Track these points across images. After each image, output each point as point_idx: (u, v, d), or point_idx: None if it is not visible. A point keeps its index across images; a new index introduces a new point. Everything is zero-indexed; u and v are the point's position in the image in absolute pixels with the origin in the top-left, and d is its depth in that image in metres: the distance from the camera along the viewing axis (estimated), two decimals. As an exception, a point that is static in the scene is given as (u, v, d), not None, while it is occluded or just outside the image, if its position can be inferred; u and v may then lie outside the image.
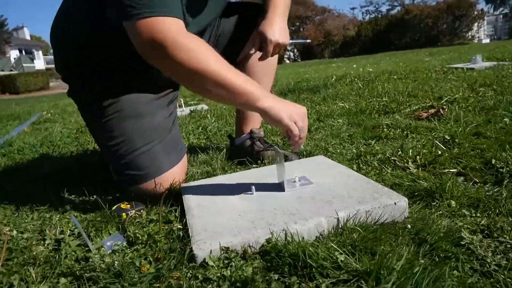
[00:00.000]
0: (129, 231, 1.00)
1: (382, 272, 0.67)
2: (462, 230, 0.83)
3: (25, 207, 1.29)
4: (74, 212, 1.21)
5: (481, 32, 33.35)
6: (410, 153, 1.31)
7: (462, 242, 0.79)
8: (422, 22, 28.05)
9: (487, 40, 32.82)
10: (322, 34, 33.47)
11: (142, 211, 1.12)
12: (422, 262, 0.72)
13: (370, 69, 5.28)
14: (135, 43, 1.00)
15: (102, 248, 0.93)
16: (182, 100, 3.49)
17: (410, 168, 1.21)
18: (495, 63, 4.09)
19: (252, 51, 1.35)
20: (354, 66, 7.29)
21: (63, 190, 1.43)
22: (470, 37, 29.94)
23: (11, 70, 27.42)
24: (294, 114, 1.02)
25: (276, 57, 1.56)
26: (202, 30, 1.33)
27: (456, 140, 1.41)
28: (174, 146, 1.32)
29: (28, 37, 38.21)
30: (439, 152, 1.30)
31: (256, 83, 1.05)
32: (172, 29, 0.98)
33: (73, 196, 1.36)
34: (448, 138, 1.44)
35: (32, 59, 34.28)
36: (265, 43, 1.30)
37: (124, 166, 1.27)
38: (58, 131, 2.87)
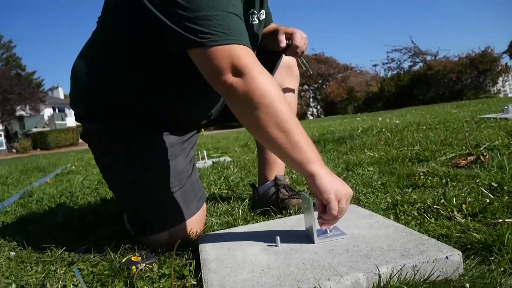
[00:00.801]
0: (137, 286, 0.88)
1: None
2: (535, 291, 0.68)
3: (32, 258, 1.20)
4: (81, 263, 1.11)
5: (507, 87, 33.00)
6: (454, 202, 1.16)
7: (537, 307, 0.63)
8: (445, 77, 28.11)
9: (514, 94, 32.39)
10: (345, 90, 33.96)
11: (153, 264, 1.01)
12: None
13: (397, 121, 5.16)
14: (205, 67, 0.95)
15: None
16: (205, 152, 3.45)
17: (457, 217, 1.06)
18: (530, 112, 3.92)
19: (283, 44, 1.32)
20: (380, 119, 7.19)
21: (74, 240, 1.34)
22: (495, 91, 29.65)
23: (44, 127, 28.74)
24: (342, 191, 0.92)
25: (296, 100, 1.51)
26: None
27: (505, 188, 1.25)
28: (194, 194, 1.23)
29: (62, 96, 40.25)
30: (488, 201, 1.15)
31: (315, 147, 0.98)
32: (251, 57, 0.94)
33: (83, 246, 1.26)
34: (495, 185, 1.29)
35: (64, 117, 35.92)
36: (292, 37, 1.33)
37: (140, 213, 1.18)
38: (79, 182, 2.84)
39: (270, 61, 1.41)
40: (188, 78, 1.11)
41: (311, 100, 38.68)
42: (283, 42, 1.31)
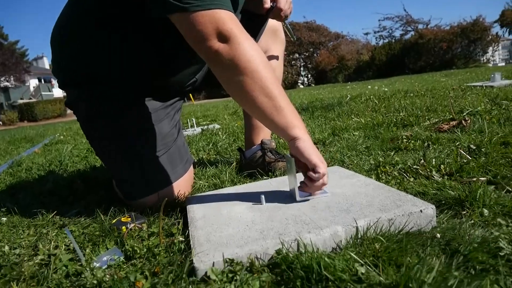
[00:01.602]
0: (127, 244, 0.92)
1: (411, 285, 0.57)
2: (500, 240, 0.72)
3: (23, 223, 1.23)
4: (72, 226, 1.14)
5: (496, 56, 33.04)
6: (434, 162, 1.21)
7: (501, 253, 0.68)
8: (436, 46, 27.98)
9: (503, 64, 32.45)
10: (336, 59, 33.68)
11: (143, 224, 1.04)
12: (456, 275, 0.62)
13: (386, 89, 5.19)
14: (189, 33, 0.94)
15: (96, 263, 0.86)
16: (194, 120, 3.45)
17: (435, 177, 1.10)
18: (515, 80, 3.96)
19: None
20: (369, 87, 7.21)
21: (64, 206, 1.37)
22: (485, 60, 29.69)
23: (30, 99, 28.19)
24: (322, 158, 0.95)
25: (281, 67, 1.51)
26: None
27: (483, 150, 1.30)
28: (180, 157, 1.25)
29: (47, 67, 39.24)
30: (465, 161, 1.20)
31: (298, 114, 1.00)
32: (235, 22, 0.94)
33: (74, 211, 1.29)
34: (474, 147, 1.33)
35: (50, 88, 35.19)
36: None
37: (127, 177, 1.20)
38: (68, 151, 2.84)
39: (255, 25, 1.40)
40: (170, 43, 1.10)
41: (301, 68, 38.36)
42: (267, 3, 1.30)
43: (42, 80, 36.63)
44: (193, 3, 0.89)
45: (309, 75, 38.38)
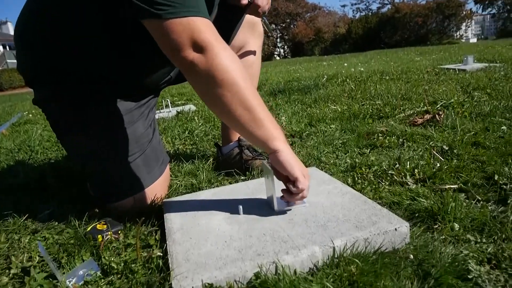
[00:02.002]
0: (104, 257, 0.91)
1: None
2: (468, 260, 0.76)
3: (-6, 225, 1.19)
4: (46, 231, 1.11)
5: (469, 32, 33.61)
6: (408, 166, 1.23)
7: (469, 276, 0.71)
8: (412, 21, 28.15)
9: (474, 40, 33.08)
10: (313, 31, 33.43)
11: (119, 232, 1.03)
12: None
13: (362, 69, 5.21)
14: (162, 42, 0.90)
15: (72, 280, 0.84)
16: (169, 100, 3.39)
17: (409, 183, 1.13)
18: (486, 64, 4.05)
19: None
20: (345, 64, 7.22)
21: (36, 204, 1.33)
22: (458, 36, 30.16)
23: (-4, 67, 26.83)
24: (304, 170, 0.94)
25: (259, 61, 1.49)
26: None
27: (455, 151, 1.34)
28: (156, 158, 1.23)
29: (12, 33, 37.27)
30: (438, 165, 1.23)
31: (278, 125, 0.98)
32: (211, 31, 0.90)
33: (47, 211, 1.26)
34: (446, 148, 1.37)
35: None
36: None
37: (101, 181, 1.18)
38: (38, 134, 2.75)
39: (232, 19, 1.36)
40: (144, 46, 1.06)
41: (278, 40, 37.93)
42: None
43: (7, 47, 34.82)
44: (166, 9, 0.84)
45: (286, 47, 38.05)
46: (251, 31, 1.43)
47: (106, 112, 1.15)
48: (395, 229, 0.82)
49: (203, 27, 0.87)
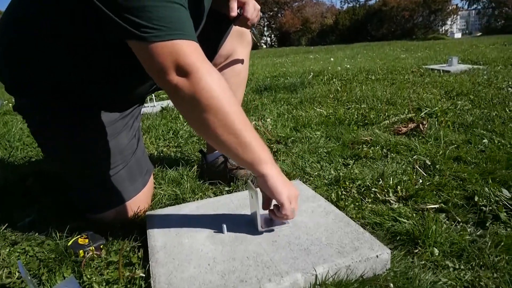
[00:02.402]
0: (85, 275, 0.90)
1: None
2: (447, 288, 0.78)
3: (-29, 235, 1.16)
4: (25, 243, 1.09)
5: (454, 27, 34.01)
6: (391, 182, 1.25)
7: (447, 307, 0.73)
8: (398, 15, 28.33)
9: (459, 35, 33.51)
10: (300, 21, 33.34)
11: (101, 247, 1.02)
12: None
13: (348, 66, 5.23)
14: (148, 64, 0.88)
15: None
16: (153, 95, 3.34)
17: (391, 201, 1.15)
18: (470, 66, 4.11)
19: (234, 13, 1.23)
20: (332, 59, 7.24)
21: (16, 211, 1.30)
22: (443, 31, 30.50)
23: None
24: (292, 194, 0.94)
25: (246, 69, 1.48)
26: None
27: (437, 166, 1.36)
28: (139, 170, 1.21)
29: (-7, 12, 36.10)
30: (420, 181, 1.25)
31: (266, 146, 0.96)
32: (197, 55, 0.87)
33: (27, 219, 1.23)
34: (429, 163, 1.39)
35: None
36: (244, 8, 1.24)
37: (83, 192, 1.16)
38: (18, 128, 2.68)
39: (221, 27, 1.35)
40: (129, 63, 1.03)
41: (265, 28, 37.72)
42: (234, 11, 1.24)
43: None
44: (151, 32, 0.82)
45: (273, 35, 37.88)
46: (239, 40, 1.42)
47: (89, 124, 1.13)
48: (377, 256, 0.83)
49: (188, 51, 0.86)
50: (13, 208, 1.34)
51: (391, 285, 0.78)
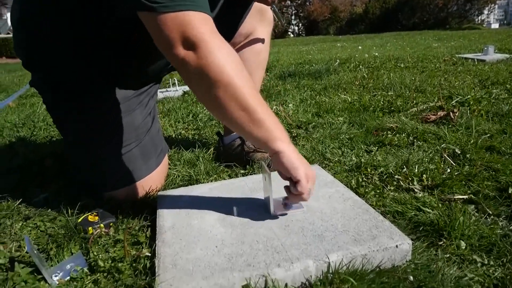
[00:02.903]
0: (92, 252, 0.88)
1: None
2: (473, 285, 0.71)
3: (-13, 209, 1.17)
4: (38, 218, 1.08)
5: (491, 17, 32.47)
6: (416, 170, 1.17)
7: (473, 305, 0.66)
8: (432, 3, 27.27)
9: (496, 25, 32.04)
10: (328, 9, 32.66)
11: (110, 225, 1.00)
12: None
13: (376, 54, 5.06)
14: (156, 37, 0.84)
15: (59, 275, 0.82)
16: (176, 78, 3.32)
17: (416, 190, 1.07)
18: (507, 55, 3.89)
19: None
20: (360, 48, 7.04)
21: (33, 188, 1.30)
22: (479, 21, 29.23)
23: (8, 33, 26.76)
24: (309, 172, 0.87)
25: (267, 49, 1.42)
26: None
27: (468, 155, 1.27)
28: (153, 149, 1.18)
29: None
30: (448, 170, 1.17)
31: (281, 125, 0.90)
32: (207, 27, 0.82)
33: (42, 195, 1.23)
34: (459, 152, 1.30)
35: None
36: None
37: (95, 170, 1.14)
38: (43, 109, 2.72)
39: (240, 5, 1.29)
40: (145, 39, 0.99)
41: (292, 17, 37.17)
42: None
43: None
44: (161, 2, 0.78)
45: (300, 24, 37.32)
46: (260, 18, 1.36)
47: (102, 100, 1.10)
48: (396, 246, 0.77)
49: (197, 22, 0.80)
50: (30, 185, 1.35)
51: (411, 277, 0.72)
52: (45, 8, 0.99)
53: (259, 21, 1.36)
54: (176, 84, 3.25)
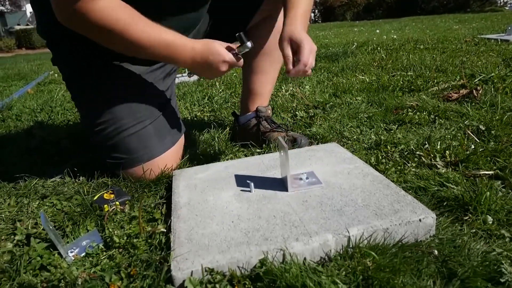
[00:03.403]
0: (107, 229, 0.87)
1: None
2: (501, 259, 0.67)
3: (5, 188, 1.18)
4: (54, 197, 1.09)
5: (515, -2, 31.29)
6: (438, 146, 1.13)
7: (501, 280, 0.63)
8: (452, -15, 26.47)
9: (521, 7, 30.85)
10: (345, -6, 32.04)
11: (126, 203, 0.99)
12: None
13: (394, 36, 4.93)
14: None
15: (74, 251, 0.81)
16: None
17: (438, 166, 1.03)
18: (533, 34, 3.74)
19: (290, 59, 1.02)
20: (377, 31, 6.88)
21: (50, 168, 1.31)
22: (502, 3, 28.23)
23: (27, 25, 27.15)
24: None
25: None
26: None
27: (493, 132, 1.21)
28: (169, 127, 1.17)
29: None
30: (473, 147, 1.12)
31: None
32: None
33: (58, 176, 1.23)
34: (483, 128, 1.25)
35: (49, 13, 33.59)
36: (300, 51, 1.00)
37: (110, 148, 1.13)
38: (60, 94, 2.74)
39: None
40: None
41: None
42: (290, 61, 1.01)
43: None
44: None
45: (316, 11, 36.77)
46: None
47: (117, 76, 1.09)
48: (419, 220, 0.73)
49: None
50: (47, 166, 1.35)
51: (436, 252, 0.69)
52: None
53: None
54: (191, 69, 3.22)
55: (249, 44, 1.01)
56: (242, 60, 1.02)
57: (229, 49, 1.00)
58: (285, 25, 1.04)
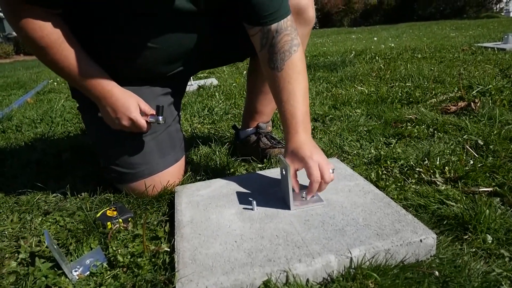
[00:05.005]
0: (111, 247, 0.88)
1: None
2: (501, 280, 0.68)
3: (7, 204, 1.18)
4: (57, 213, 1.09)
5: (510, 5, 31.52)
6: (438, 162, 1.14)
7: (502, 301, 0.64)
8: (448, -8, 26.71)
9: (516, 13, 31.12)
10: (342, 1, 32.26)
11: (129, 220, 1.00)
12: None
13: (392, 45, 4.97)
14: None
15: (78, 270, 0.82)
16: (191, 74, 3.32)
17: (438, 182, 1.04)
18: (529, 43, 3.78)
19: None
20: (375, 39, 6.93)
21: (50, 182, 1.31)
22: (498, 9, 28.45)
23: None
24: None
25: (302, 54, 1.17)
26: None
27: (491, 147, 1.23)
28: (172, 145, 1.18)
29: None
30: (472, 162, 1.13)
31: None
32: None
33: (60, 190, 1.24)
34: (482, 143, 1.26)
35: (47, 19, 33.66)
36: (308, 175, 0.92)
37: (113, 161, 1.14)
38: (60, 104, 2.75)
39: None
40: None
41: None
42: (297, 195, 0.94)
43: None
44: None
45: (314, 17, 36.90)
46: (296, 18, 1.12)
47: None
48: (420, 241, 0.74)
49: None
50: (48, 179, 1.36)
51: (436, 273, 0.70)
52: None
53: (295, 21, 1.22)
54: (191, 78, 3.24)
55: (160, 119, 1.07)
56: (147, 127, 1.06)
57: (143, 111, 1.05)
58: (286, 142, 1.00)
